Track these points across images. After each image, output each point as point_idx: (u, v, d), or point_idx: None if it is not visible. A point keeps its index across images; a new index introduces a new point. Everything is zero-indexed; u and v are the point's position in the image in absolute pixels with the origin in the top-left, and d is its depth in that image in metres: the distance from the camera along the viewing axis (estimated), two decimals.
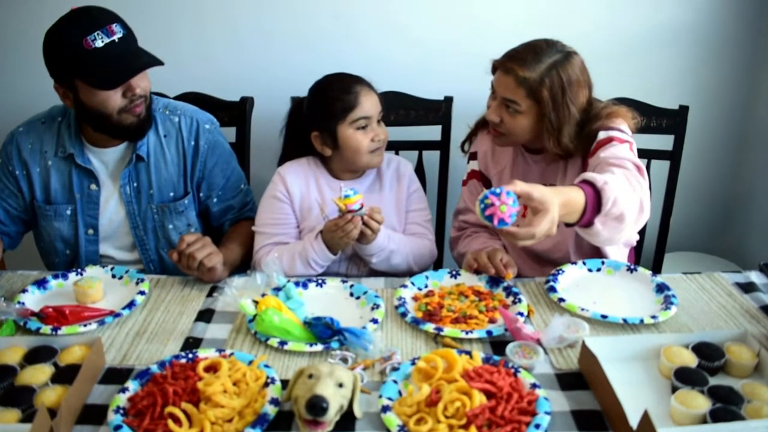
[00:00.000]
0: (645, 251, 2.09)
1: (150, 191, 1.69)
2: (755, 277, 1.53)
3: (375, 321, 1.33)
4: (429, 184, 2.05)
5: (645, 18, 2.23)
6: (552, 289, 1.44)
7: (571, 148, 1.55)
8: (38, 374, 1.14)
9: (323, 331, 1.27)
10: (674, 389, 1.10)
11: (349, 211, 1.48)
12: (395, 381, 1.14)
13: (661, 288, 1.45)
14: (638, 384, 1.15)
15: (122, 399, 1.09)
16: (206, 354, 1.22)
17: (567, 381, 1.16)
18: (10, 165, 1.67)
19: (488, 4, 2.20)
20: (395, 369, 1.17)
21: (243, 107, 2.01)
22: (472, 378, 1.10)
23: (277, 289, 1.42)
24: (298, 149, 1.73)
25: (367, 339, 1.23)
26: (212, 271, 1.49)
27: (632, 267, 1.53)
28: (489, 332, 1.30)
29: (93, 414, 1.09)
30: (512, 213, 1.20)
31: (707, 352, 1.17)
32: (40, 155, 1.66)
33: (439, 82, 2.11)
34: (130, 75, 1.50)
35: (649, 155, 2.00)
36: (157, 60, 1.53)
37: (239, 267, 1.65)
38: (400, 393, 1.12)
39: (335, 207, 1.50)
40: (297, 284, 1.48)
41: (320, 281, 1.51)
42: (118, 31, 1.48)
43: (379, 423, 1.06)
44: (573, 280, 1.50)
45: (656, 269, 2.12)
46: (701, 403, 1.04)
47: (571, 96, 1.50)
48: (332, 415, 1.02)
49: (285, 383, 1.12)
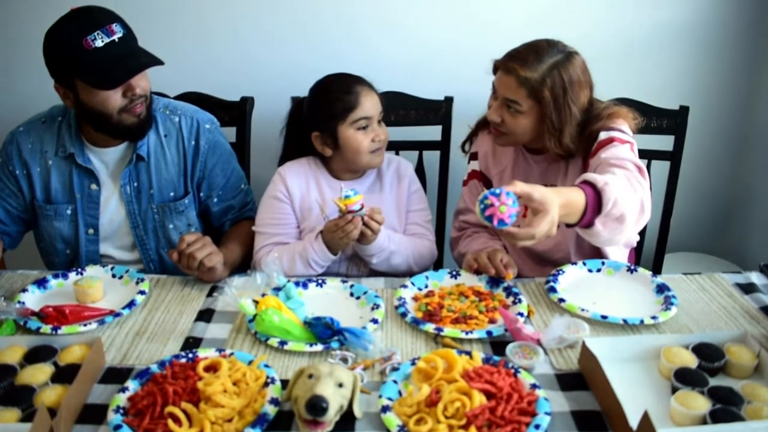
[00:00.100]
0: (645, 252, 2.09)
1: (150, 191, 1.69)
2: (755, 278, 1.53)
3: (375, 321, 1.33)
4: (429, 185, 2.05)
5: (645, 18, 2.23)
6: (552, 290, 1.44)
7: (572, 149, 1.55)
8: (38, 374, 1.14)
9: (323, 331, 1.27)
10: (674, 390, 1.10)
11: (350, 212, 1.48)
12: (395, 381, 1.14)
13: (662, 288, 1.45)
14: (638, 384, 1.15)
15: (122, 399, 1.09)
16: (206, 354, 1.22)
17: (567, 381, 1.16)
18: (11, 165, 1.67)
19: (489, 4, 2.20)
20: (395, 369, 1.17)
21: (243, 107, 2.01)
22: (472, 378, 1.10)
23: (277, 289, 1.42)
24: (299, 149, 1.73)
25: (367, 339, 1.23)
26: (212, 271, 1.49)
27: (632, 267, 1.53)
28: (489, 332, 1.30)
29: (93, 413, 1.09)
30: (512, 213, 1.20)
31: (707, 353, 1.17)
32: (41, 155, 1.66)
33: (440, 82, 2.11)
34: (130, 75, 1.50)
35: (650, 156, 2.00)
36: (157, 60, 1.53)
37: (239, 267, 1.65)
38: (400, 393, 1.12)
39: (335, 207, 1.50)
40: (297, 284, 1.48)
41: (320, 281, 1.51)
42: (118, 31, 1.48)
43: (379, 423, 1.06)
44: (573, 281, 1.50)
45: (656, 270, 2.12)
46: (701, 404, 1.04)
47: (573, 96, 1.50)
48: (332, 415, 1.02)
49: (285, 383, 1.12)
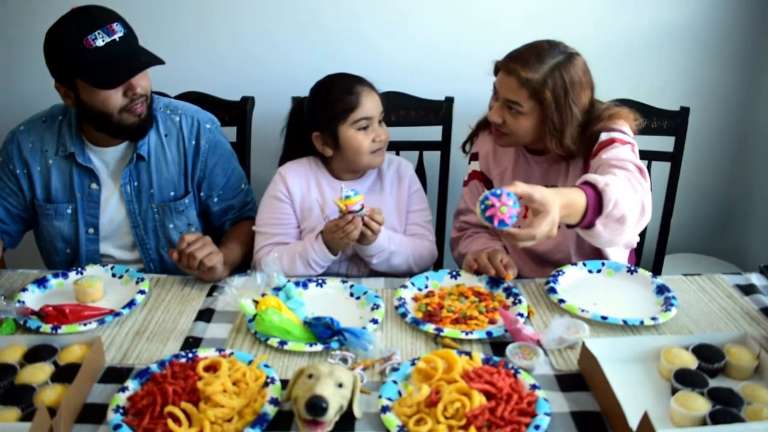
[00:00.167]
0: (645, 253, 2.09)
1: (150, 190, 1.69)
2: (755, 279, 1.53)
3: (375, 321, 1.33)
4: (429, 185, 2.05)
5: (645, 19, 2.23)
6: (552, 290, 1.44)
7: (574, 150, 1.55)
8: (38, 373, 1.14)
9: (323, 331, 1.27)
10: (674, 391, 1.10)
11: (350, 212, 1.48)
12: (395, 381, 1.14)
13: (662, 289, 1.45)
14: (638, 385, 1.15)
15: (122, 398, 1.09)
16: (206, 353, 1.22)
17: (567, 382, 1.16)
18: (11, 164, 1.67)
19: (489, 5, 2.20)
20: (395, 369, 1.17)
21: (244, 107, 2.01)
22: (472, 379, 1.09)
23: (277, 289, 1.42)
24: (299, 149, 1.72)
25: (367, 339, 1.23)
26: (212, 271, 1.49)
27: (632, 268, 1.53)
28: (489, 333, 1.30)
29: (93, 413, 1.09)
30: (512, 214, 1.20)
31: (707, 354, 1.17)
32: (41, 154, 1.66)
33: (440, 83, 2.11)
34: (131, 74, 1.50)
35: (650, 156, 1.99)
36: (158, 59, 1.53)
37: (239, 267, 1.65)
38: (400, 393, 1.12)
39: (336, 207, 1.50)
40: (297, 284, 1.48)
41: (320, 281, 1.51)
42: (119, 30, 1.48)
43: (379, 423, 1.06)
44: (573, 282, 1.50)
45: (656, 271, 2.12)
46: (701, 405, 1.04)
47: (574, 97, 1.50)
48: (332, 416, 1.02)
49: (285, 383, 1.12)
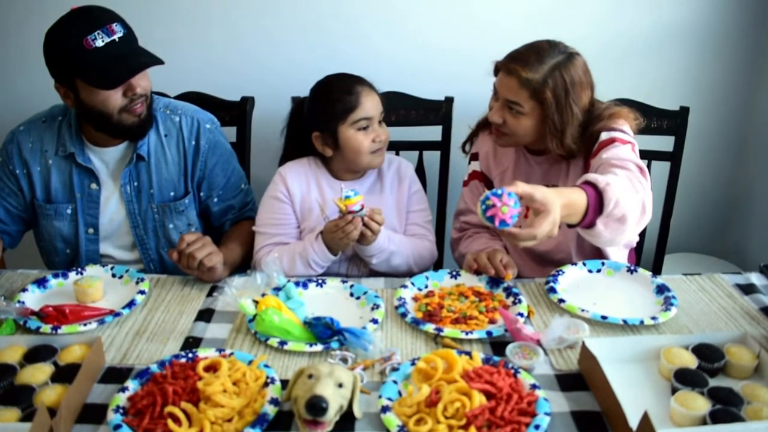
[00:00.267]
0: (645, 252, 2.09)
1: (150, 191, 1.69)
2: (755, 279, 1.53)
3: (375, 321, 1.33)
4: (429, 185, 2.05)
5: (645, 19, 2.23)
6: (552, 290, 1.44)
7: (574, 149, 1.55)
8: (38, 373, 1.14)
9: (323, 331, 1.27)
10: (674, 390, 1.10)
11: (350, 212, 1.48)
12: (395, 381, 1.14)
13: (661, 289, 1.45)
14: (638, 385, 1.15)
15: (122, 398, 1.09)
16: (206, 354, 1.22)
17: (567, 382, 1.16)
18: (11, 164, 1.67)
19: (489, 5, 2.20)
20: (395, 369, 1.17)
21: (243, 107, 2.01)
22: (472, 378, 1.10)
23: (277, 289, 1.42)
24: (299, 149, 1.72)
25: (367, 339, 1.23)
26: (212, 271, 1.49)
27: (632, 268, 1.53)
28: (489, 333, 1.30)
29: (93, 413, 1.09)
30: (513, 214, 1.20)
31: (707, 354, 1.17)
32: (41, 154, 1.66)
33: (440, 83, 2.11)
34: (131, 74, 1.50)
35: (650, 156, 1.99)
36: (158, 59, 1.53)
37: (239, 267, 1.65)
38: (400, 393, 1.12)
39: (336, 207, 1.50)
40: (297, 284, 1.48)
41: (320, 281, 1.51)
42: (119, 31, 1.48)
43: (379, 423, 1.06)
44: (573, 281, 1.50)
45: (656, 270, 2.12)
46: (701, 405, 1.04)
47: (574, 97, 1.50)
48: (332, 416, 1.02)
49: (285, 383, 1.12)
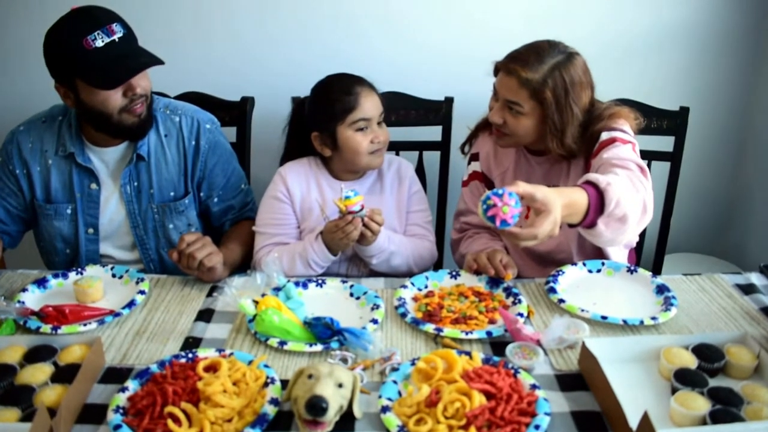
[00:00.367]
0: (645, 252, 2.09)
1: (150, 191, 1.69)
2: (755, 279, 1.53)
3: (375, 321, 1.33)
4: (429, 185, 2.05)
5: (645, 19, 2.23)
6: (552, 290, 1.44)
7: (575, 149, 1.55)
8: (38, 373, 1.14)
9: (323, 332, 1.27)
10: (674, 390, 1.10)
11: (350, 212, 1.48)
12: (395, 381, 1.14)
13: (661, 289, 1.45)
14: (638, 385, 1.15)
15: (122, 398, 1.09)
16: (206, 354, 1.22)
17: (567, 382, 1.16)
18: (11, 164, 1.67)
19: (489, 5, 2.19)
20: (395, 369, 1.17)
21: (243, 107, 2.01)
22: (472, 379, 1.10)
23: (277, 289, 1.42)
24: (300, 149, 1.72)
25: (367, 339, 1.23)
26: (212, 271, 1.49)
27: (632, 268, 1.53)
28: (489, 333, 1.30)
29: (93, 413, 1.09)
30: (514, 214, 1.19)
31: (707, 354, 1.17)
32: (41, 154, 1.66)
33: (440, 83, 2.11)
34: (131, 75, 1.50)
35: (650, 156, 1.99)
36: (158, 59, 1.53)
37: (239, 267, 1.65)
38: (400, 393, 1.12)
39: (336, 208, 1.50)
40: (297, 284, 1.48)
41: (320, 281, 1.51)
42: (119, 31, 1.48)
43: (379, 423, 1.06)
44: (573, 281, 1.50)
45: (656, 270, 2.12)
46: (701, 405, 1.04)
47: (574, 97, 1.50)
48: (332, 416, 1.02)
49: (285, 383, 1.12)
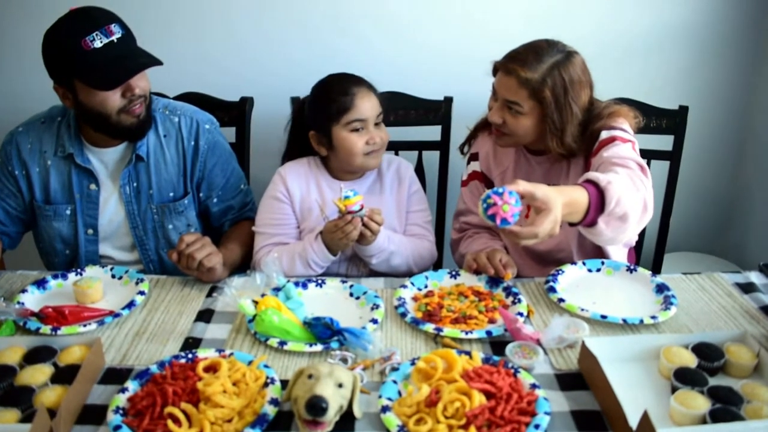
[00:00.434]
0: (645, 251, 2.09)
1: (150, 191, 1.69)
2: (755, 278, 1.53)
3: (375, 321, 1.33)
4: (429, 185, 2.05)
5: (645, 18, 2.23)
6: (551, 290, 1.44)
7: (575, 148, 1.55)
8: (38, 374, 1.14)
9: (323, 332, 1.27)
10: (674, 389, 1.10)
11: (349, 212, 1.47)
12: (395, 381, 1.14)
13: (661, 288, 1.45)
14: (638, 384, 1.15)
15: (122, 399, 1.09)
16: (206, 354, 1.22)
17: (567, 381, 1.16)
18: (10, 165, 1.67)
19: (489, 5, 2.19)
20: (395, 369, 1.17)
21: (243, 107, 2.00)
22: (472, 378, 1.10)
23: (277, 289, 1.42)
24: (301, 148, 1.72)
25: (367, 339, 1.23)
26: (212, 272, 1.49)
27: (632, 267, 1.53)
28: (489, 332, 1.30)
29: (92, 414, 1.09)
30: (515, 212, 1.19)
31: (707, 353, 1.17)
32: (40, 155, 1.66)
33: (439, 83, 2.11)
34: (129, 75, 1.50)
35: (649, 155, 1.99)
36: (157, 60, 1.53)
37: (239, 267, 1.65)
38: (400, 393, 1.12)
39: (335, 208, 1.50)
40: (297, 284, 1.48)
41: (320, 281, 1.51)
42: (117, 32, 1.48)
43: (379, 423, 1.06)
44: (572, 281, 1.50)
45: (656, 269, 2.12)
46: (701, 404, 1.04)
47: (574, 96, 1.50)
48: (332, 416, 1.02)
49: (285, 383, 1.12)
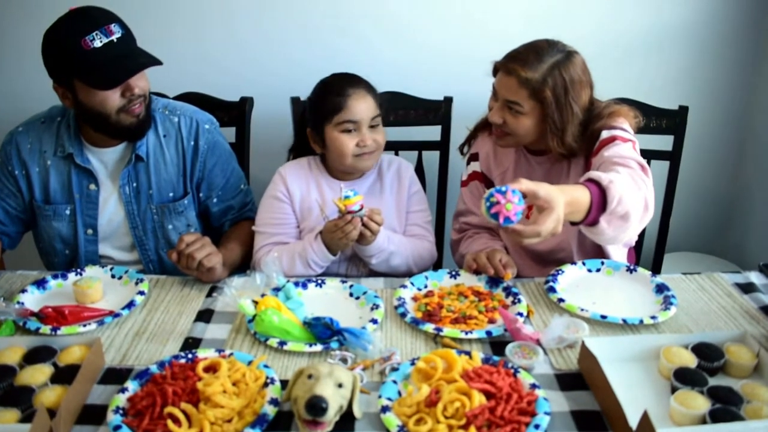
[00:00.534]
0: (645, 251, 2.09)
1: (149, 191, 1.69)
2: (755, 278, 1.53)
3: (374, 321, 1.33)
4: (428, 185, 2.05)
5: (645, 18, 2.23)
6: (551, 290, 1.44)
7: (575, 148, 1.55)
8: (38, 374, 1.14)
9: (323, 332, 1.27)
10: (674, 390, 1.10)
11: (349, 212, 1.47)
12: (395, 381, 1.14)
13: (661, 288, 1.45)
14: (638, 384, 1.15)
15: (122, 399, 1.09)
16: (206, 354, 1.22)
17: (566, 381, 1.16)
18: (10, 165, 1.67)
19: (489, 5, 2.20)
20: (395, 369, 1.17)
21: (242, 107, 2.00)
22: (472, 378, 1.10)
23: (277, 289, 1.42)
24: (306, 144, 1.72)
25: (367, 339, 1.23)
26: (212, 272, 1.49)
27: (632, 267, 1.53)
28: (488, 332, 1.30)
29: (92, 414, 1.09)
30: (518, 211, 1.19)
31: (707, 353, 1.17)
32: (40, 155, 1.66)
33: (439, 83, 2.11)
34: (129, 75, 1.50)
35: (649, 155, 1.99)
36: (156, 60, 1.53)
37: (239, 267, 1.65)
38: (400, 393, 1.12)
39: (335, 207, 1.50)
40: (296, 284, 1.48)
41: (320, 281, 1.51)
42: (117, 31, 1.48)
43: (379, 423, 1.06)
44: (572, 281, 1.50)
45: (656, 269, 2.12)
46: (701, 404, 1.04)
47: (574, 95, 1.50)
48: (332, 416, 1.02)
49: (284, 383, 1.12)
